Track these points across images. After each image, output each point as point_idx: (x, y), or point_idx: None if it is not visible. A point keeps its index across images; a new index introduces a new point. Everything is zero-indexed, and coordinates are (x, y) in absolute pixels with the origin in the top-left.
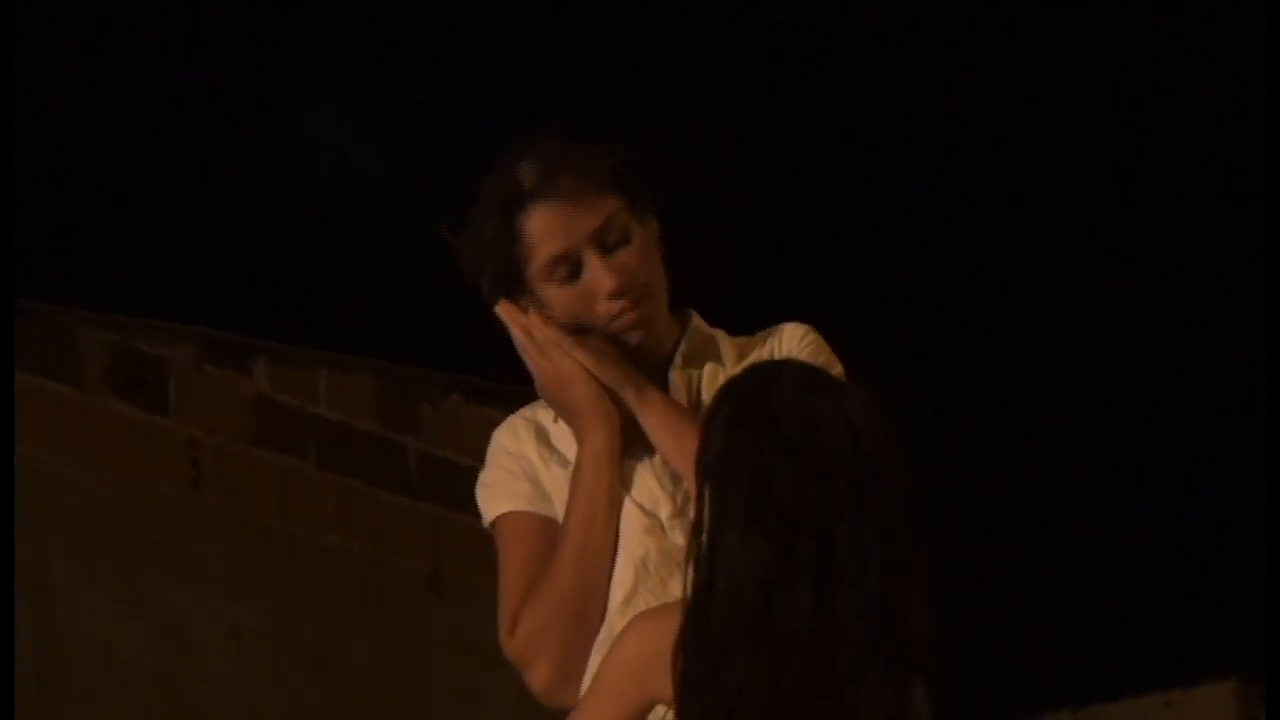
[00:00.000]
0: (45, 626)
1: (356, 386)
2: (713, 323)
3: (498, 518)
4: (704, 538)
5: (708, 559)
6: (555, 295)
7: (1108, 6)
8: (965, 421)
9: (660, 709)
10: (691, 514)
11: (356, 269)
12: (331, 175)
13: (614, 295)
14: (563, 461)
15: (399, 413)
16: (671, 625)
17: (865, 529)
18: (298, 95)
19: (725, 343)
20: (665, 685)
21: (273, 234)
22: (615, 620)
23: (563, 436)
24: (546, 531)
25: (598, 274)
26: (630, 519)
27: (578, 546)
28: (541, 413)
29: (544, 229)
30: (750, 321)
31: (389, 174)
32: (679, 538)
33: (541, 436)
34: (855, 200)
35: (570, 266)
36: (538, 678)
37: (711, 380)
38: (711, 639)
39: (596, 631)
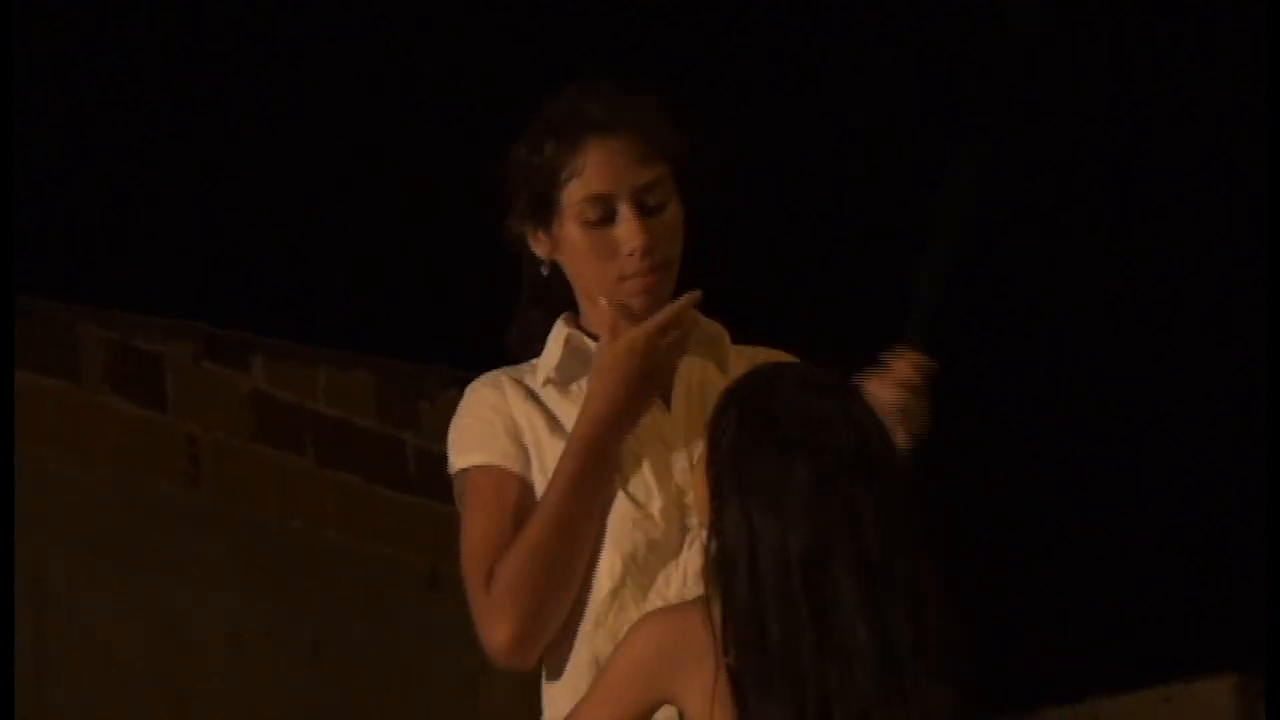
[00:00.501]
0: (43, 623)
1: (355, 383)
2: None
3: (472, 468)
4: (728, 535)
5: (747, 547)
6: (579, 237)
7: (1108, 6)
8: (965, 421)
9: (665, 709)
10: (686, 508)
11: (355, 266)
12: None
13: (638, 253)
14: (553, 425)
15: (398, 409)
16: (686, 625)
17: (872, 530)
18: (296, 94)
19: (728, 341)
20: (676, 686)
21: (271, 231)
22: (602, 611)
23: (557, 402)
24: (526, 494)
25: (630, 228)
26: (620, 510)
27: (563, 498)
28: (529, 376)
29: (596, 163)
30: (748, 320)
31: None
32: (672, 531)
33: (532, 398)
34: (854, 200)
35: (604, 210)
36: (499, 635)
37: (709, 373)
38: (767, 623)
39: (567, 602)
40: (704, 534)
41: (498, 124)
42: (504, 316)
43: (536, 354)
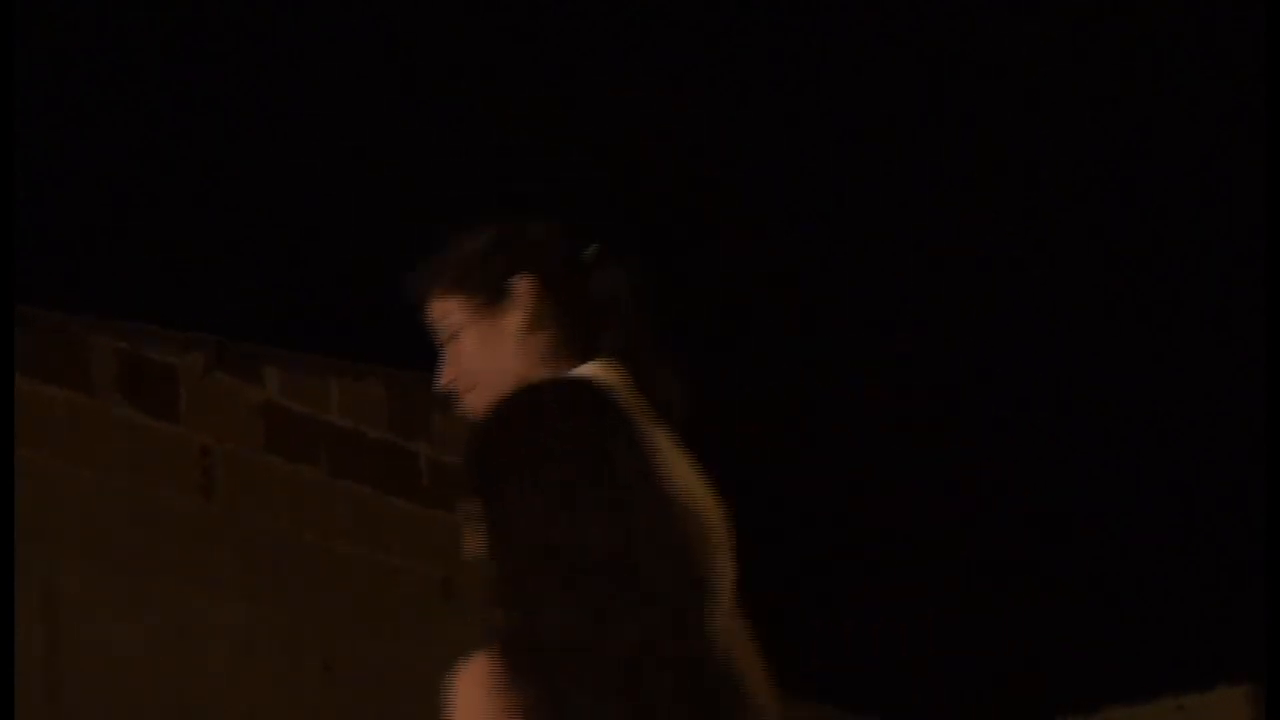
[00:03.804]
0: (56, 632)
1: (367, 394)
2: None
3: None
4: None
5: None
6: None
7: (1108, 7)
8: (975, 428)
9: None
10: None
11: (366, 278)
12: None
13: (442, 388)
14: None
15: (410, 420)
16: (487, 669)
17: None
18: (308, 112)
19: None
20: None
21: (283, 243)
22: None
23: None
24: None
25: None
26: None
27: None
28: None
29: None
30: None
31: None
32: None
33: None
34: (857, 198)
35: None
36: None
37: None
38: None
39: None
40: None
41: (505, 134)
42: None
43: None
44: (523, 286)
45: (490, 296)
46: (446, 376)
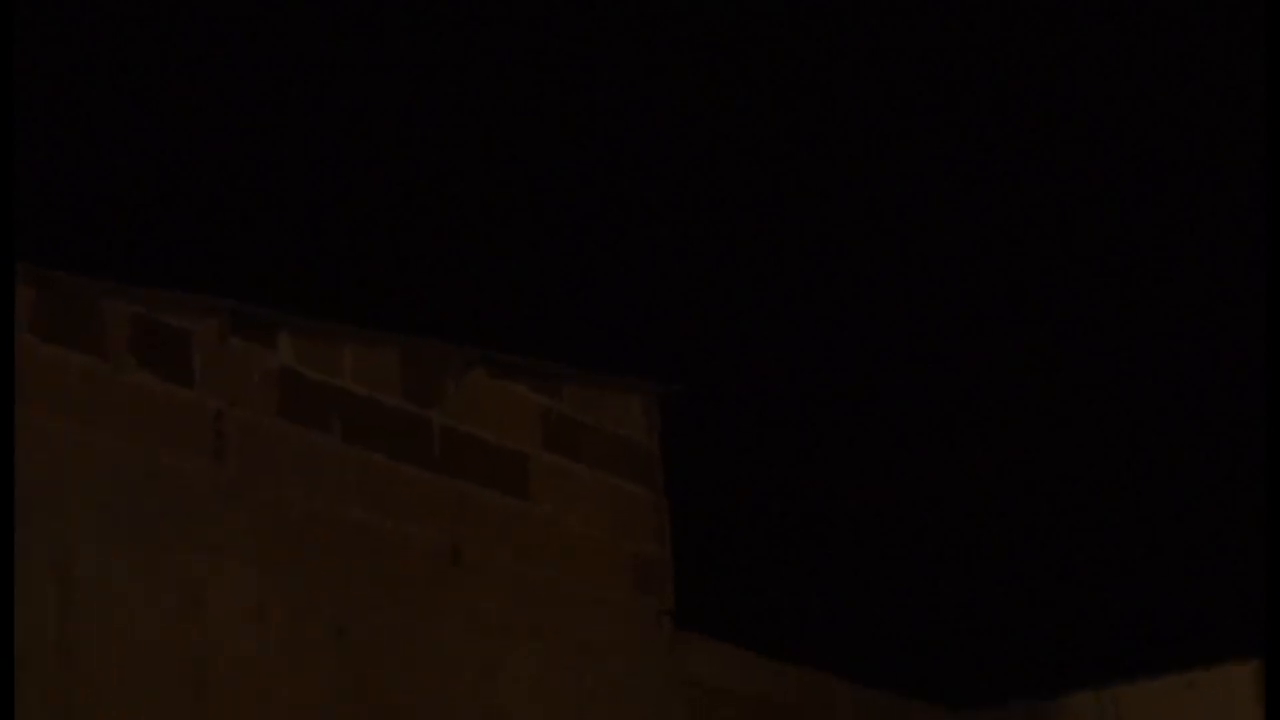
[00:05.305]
0: (67, 599)
1: (381, 361)
2: None
3: None
4: None
5: None
6: None
7: (1109, 7)
8: (981, 406)
9: None
10: None
11: (382, 245)
12: None
13: None
14: None
15: (423, 387)
16: None
17: None
18: (321, 78)
19: None
20: None
21: (299, 209)
22: None
23: None
24: None
25: None
26: None
27: None
28: None
29: None
30: None
31: None
32: None
33: None
34: (851, 198)
35: None
36: None
37: None
38: None
39: None
40: None
41: (512, 114)
42: (528, 297)
43: None
44: None
45: None
46: None
